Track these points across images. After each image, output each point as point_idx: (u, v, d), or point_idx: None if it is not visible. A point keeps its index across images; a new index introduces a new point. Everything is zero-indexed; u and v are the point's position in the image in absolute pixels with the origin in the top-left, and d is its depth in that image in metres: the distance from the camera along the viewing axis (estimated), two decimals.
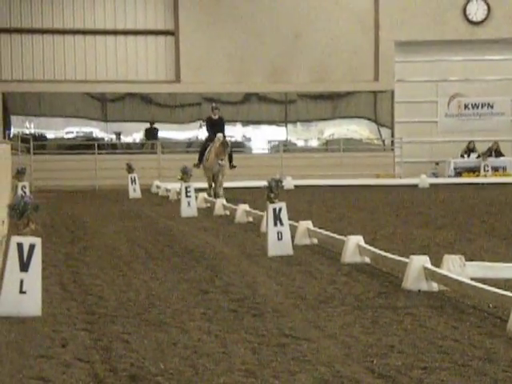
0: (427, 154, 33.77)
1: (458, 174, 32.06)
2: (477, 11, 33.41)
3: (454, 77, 33.97)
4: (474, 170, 31.84)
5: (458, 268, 8.44)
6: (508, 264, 9.10)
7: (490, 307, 7.38)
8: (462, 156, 32.72)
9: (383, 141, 34.15)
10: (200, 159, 21.91)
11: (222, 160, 21.02)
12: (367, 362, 5.70)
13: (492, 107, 33.98)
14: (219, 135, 21.20)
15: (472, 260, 9.25)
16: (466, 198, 22.97)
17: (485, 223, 15.26)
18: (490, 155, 32.18)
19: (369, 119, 33.91)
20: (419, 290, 8.30)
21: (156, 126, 33.08)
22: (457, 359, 5.76)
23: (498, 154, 32.47)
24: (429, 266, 8.41)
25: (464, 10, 33.48)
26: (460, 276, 8.06)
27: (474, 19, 33.48)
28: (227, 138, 21.87)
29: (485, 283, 7.57)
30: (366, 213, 18.08)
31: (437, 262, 8.67)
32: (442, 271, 8.27)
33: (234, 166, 21.82)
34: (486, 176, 31.23)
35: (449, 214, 17.56)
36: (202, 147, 22.22)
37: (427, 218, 16.46)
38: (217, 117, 21.84)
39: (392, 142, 33.84)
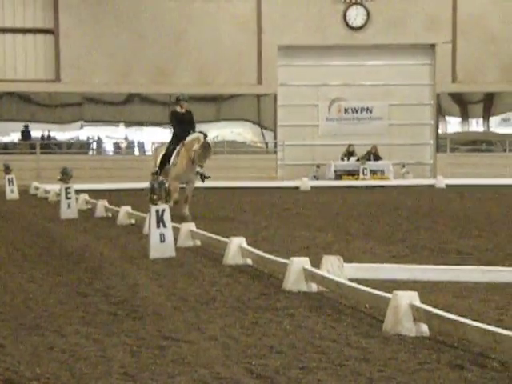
0: (309, 157, 34.28)
1: (338, 176, 32.67)
2: (356, 17, 34.11)
3: (335, 81, 34.59)
4: (353, 173, 32.52)
5: (337, 269, 8.59)
6: (385, 265, 9.32)
7: (367, 308, 7.53)
8: (342, 159, 33.36)
9: (266, 144, 34.46)
10: (162, 166, 17.13)
11: (201, 167, 16.67)
12: (246, 363, 5.73)
13: (371, 112, 34.77)
14: (200, 135, 16.80)
15: (350, 261, 9.44)
16: (345, 200, 23.43)
17: (363, 225, 15.60)
18: (369, 159, 32.93)
19: (252, 122, 34.15)
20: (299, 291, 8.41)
21: (29, 128, 32.26)
22: (334, 359, 5.86)
23: (377, 157, 33.26)
24: (308, 267, 8.52)
25: (344, 15, 34.12)
26: (338, 277, 8.20)
27: (354, 25, 34.17)
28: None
29: (362, 284, 7.72)
30: (248, 215, 18.19)
31: (317, 263, 8.80)
32: (321, 272, 8.39)
33: (207, 177, 17.04)
34: (364, 179, 31.94)
35: (328, 216, 17.87)
36: (167, 150, 17.34)
37: (308, 220, 16.70)
38: (184, 110, 17.36)
39: (275, 144, 34.20)
